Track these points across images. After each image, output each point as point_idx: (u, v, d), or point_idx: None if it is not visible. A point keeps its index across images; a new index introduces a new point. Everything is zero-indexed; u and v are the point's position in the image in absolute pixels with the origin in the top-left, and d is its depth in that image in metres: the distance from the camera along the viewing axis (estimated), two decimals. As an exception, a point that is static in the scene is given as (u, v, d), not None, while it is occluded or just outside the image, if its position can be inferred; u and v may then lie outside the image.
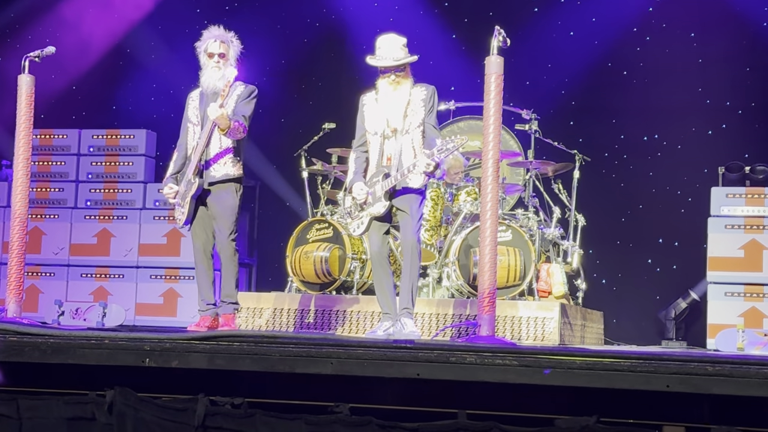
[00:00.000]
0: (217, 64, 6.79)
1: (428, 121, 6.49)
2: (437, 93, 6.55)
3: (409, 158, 6.43)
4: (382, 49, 6.48)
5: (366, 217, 6.54)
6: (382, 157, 6.51)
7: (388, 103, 6.50)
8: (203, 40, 6.86)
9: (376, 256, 6.55)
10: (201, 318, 6.88)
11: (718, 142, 9.77)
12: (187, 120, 6.92)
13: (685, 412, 4.24)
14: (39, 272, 9.86)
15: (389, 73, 6.46)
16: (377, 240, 6.53)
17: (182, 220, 6.84)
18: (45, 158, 10.11)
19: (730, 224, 8.65)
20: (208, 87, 6.81)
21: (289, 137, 9.90)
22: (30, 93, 6.68)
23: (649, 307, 9.78)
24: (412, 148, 6.45)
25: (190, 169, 6.76)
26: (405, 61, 6.47)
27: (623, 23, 10.08)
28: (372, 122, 6.56)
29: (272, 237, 10.37)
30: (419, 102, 6.47)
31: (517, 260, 7.85)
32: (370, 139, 6.57)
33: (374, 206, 6.49)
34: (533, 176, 8.76)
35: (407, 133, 6.46)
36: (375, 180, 6.50)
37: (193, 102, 6.93)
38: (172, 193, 6.86)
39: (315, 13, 10.85)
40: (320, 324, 7.99)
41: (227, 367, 4.57)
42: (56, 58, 7.17)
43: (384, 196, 6.45)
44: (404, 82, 6.49)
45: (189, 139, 6.88)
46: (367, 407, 4.51)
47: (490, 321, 5.73)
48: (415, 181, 6.42)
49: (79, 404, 4.76)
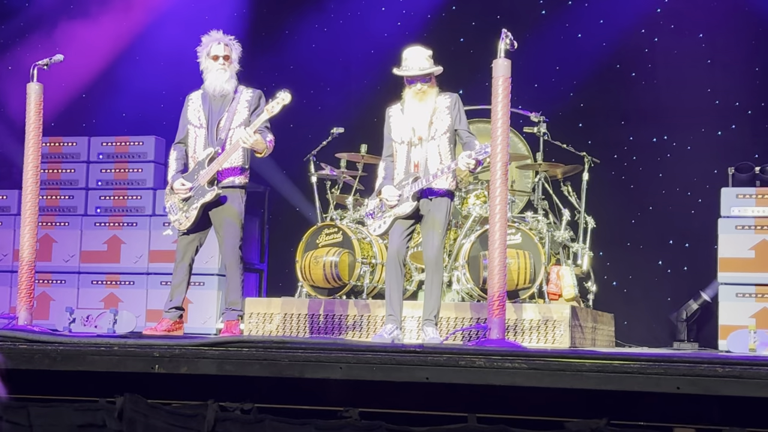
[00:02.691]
0: (223, 66, 6.82)
1: (460, 127, 6.65)
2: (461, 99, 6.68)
3: (435, 164, 6.57)
4: (408, 60, 6.64)
5: (390, 218, 6.65)
6: (409, 164, 6.66)
7: (413, 113, 6.65)
8: (205, 44, 6.89)
9: (393, 256, 6.62)
10: (161, 320, 6.87)
11: (727, 142, 9.74)
12: (186, 122, 6.92)
13: (696, 414, 4.23)
14: (50, 280, 9.88)
15: (415, 83, 6.61)
16: (397, 239, 6.62)
17: (186, 225, 6.81)
18: (55, 166, 10.13)
19: (741, 225, 8.62)
20: (215, 90, 6.82)
21: (298, 142, 9.91)
22: (39, 101, 6.69)
23: (660, 308, 9.75)
24: (438, 154, 6.59)
25: (203, 177, 6.73)
26: (430, 71, 6.63)
27: (631, 24, 10.07)
28: (398, 131, 6.70)
29: (282, 242, 10.38)
30: (444, 110, 6.62)
31: (527, 263, 7.84)
32: (397, 147, 6.71)
33: (401, 206, 6.60)
34: (542, 179, 8.75)
35: (433, 140, 6.60)
36: (404, 183, 6.63)
37: (193, 103, 6.92)
38: (185, 189, 6.77)
39: (323, 18, 10.86)
40: (330, 329, 7.99)
41: (237, 373, 4.57)
42: (65, 65, 7.19)
43: (411, 197, 6.58)
44: (430, 91, 6.65)
45: (189, 142, 6.89)
46: (377, 412, 4.51)
47: (500, 324, 5.72)
48: (442, 182, 6.54)
49: (90, 411, 4.77)
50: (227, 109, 6.81)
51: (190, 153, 6.88)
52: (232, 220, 6.79)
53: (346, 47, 10.68)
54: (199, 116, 6.85)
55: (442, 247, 6.59)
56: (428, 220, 6.59)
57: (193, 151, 6.86)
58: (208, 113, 6.82)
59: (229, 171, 6.79)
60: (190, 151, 6.87)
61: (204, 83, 6.89)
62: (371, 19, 10.58)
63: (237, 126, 6.75)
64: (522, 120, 9.02)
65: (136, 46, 11.15)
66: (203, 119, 6.83)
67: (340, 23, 10.78)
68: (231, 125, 6.77)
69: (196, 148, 6.85)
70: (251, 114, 6.78)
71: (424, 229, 6.62)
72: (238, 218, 6.81)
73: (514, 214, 8.53)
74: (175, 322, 6.86)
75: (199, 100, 6.89)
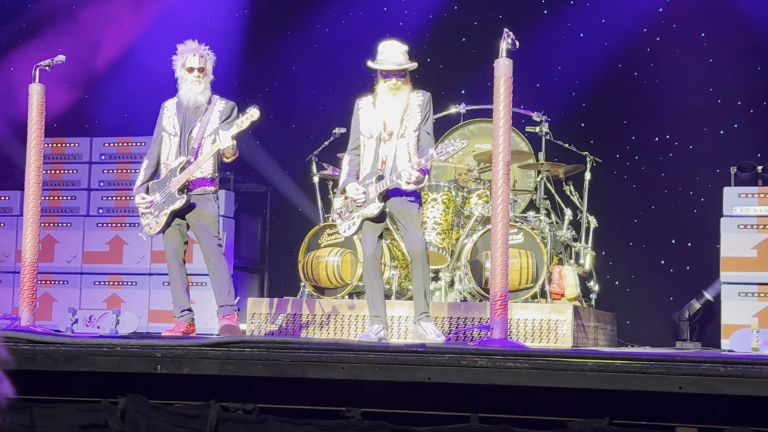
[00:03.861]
0: (198, 78, 6.93)
1: (424, 128, 6.58)
2: (433, 100, 6.65)
3: (404, 161, 6.49)
4: (384, 54, 6.59)
5: (358, 219, 6.59)
6: (377, 160, 6.58)
7: (385, 107, 6.58)
8: (181, 54, 6.99)
9: (370, 259, 6.60)
10: (176, 324, 6.95)
11: (729, 141, 9.73)
12: (161, 129, 7.02)
13: (698, 413, 4.23)
14: (52, 280, 9.87)
15: (390, 77, 6.56)
16: (371, 242, 6.59)
17: (156, 230, 6.95)
18: (57, 167, 10.13)
19: (743, 224, 8.61)
20: (189, 101, 6.93)
21: (299, 142, 9.91)
22: (41, 102, 6.70)
23: (662, 308, 9.74)
24: (407, 152, 6.52)
25: (174, 184, 6.81)
26: (406, 66, 6.57)
27: (633, 24, 10.05)
28: (368, 125, 6.63)
29: (284, 242, 10.37)
30: (416, 107, 6.55)
31: (529, 263, 7.84)
32: (365, 142, 6.63)
33: (367, 207, 6.54)
34: (544, 178, 8.75)
35: (403, 137, 6.53)
36: (368, 182, 6.55)
37: (168, 111, 7.03)
38: (144, 203, 6.95)
39: (325, 19, 10.86)
40: (332, 329, 7.99)
41: (239, 373, 4.58)
42: (67, 66, 7.20)
43: (378, 198, 6.50)
44: (404, 87, 6.59)
45: (163, 148, 6.96)
46: (379, 411, 4.51)
47: (502, 324, 5.72)
48: (409, 185, 6.45)
49: (92, 412, 4.78)
50: (200, 118, 6.92)
51: (163, 159, 6.99)
52: (208, 221, 6.91)
53: (347, 47, 10.67)
54: (174, 124, 6.95)
55: (424, 239, 6.56)
56: (403, 216, 6.53)
57: (166, 158, 6.96)
58: (182, 122, 6.91)
59: (200, 180, 6.90)
60: (163, 158, 6.98)
61: (178, 92, 6.97)
62: (373, 19, 10.57)
63: (209, 135, 6.87)
64: (524, 119, 9.01)
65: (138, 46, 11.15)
66: (177, 127, 6.94)
67: (342, 23, 10.78)
68: (204, 134, 6.88)
69: (170, 156, 6.95)
70: (221, 123, 6.85)
71: (402, 225, 6.59)
72: (213, 219, 6.93)
73: (516, 213, 8.52)
74: (189, 324, 6.94)
75: (174, 108, 7.00)
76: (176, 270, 6.96)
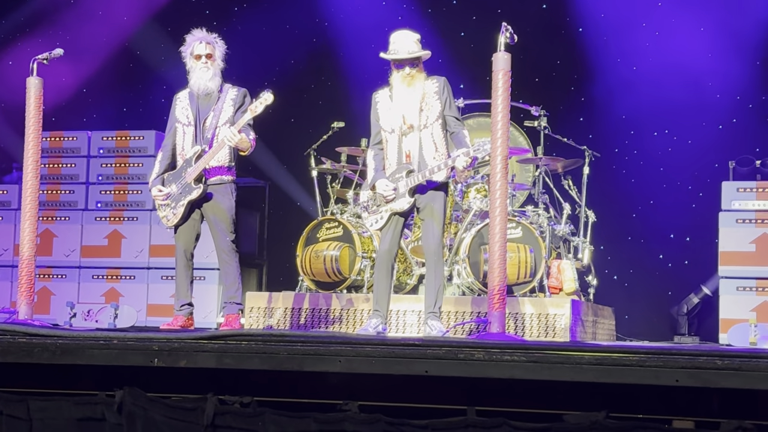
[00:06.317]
0: (206, 65, 6.89)
1: (449, 113, 6.49)
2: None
3: (431, 152, 6.45)
4: (396, 44, 6.50)
5: (386, 213, 6.54)
6: (401, 154, 6.52)
7: (402, 100, 6.50)
8: (188, 43, 6.97)
9: (385, 255, 6.54)
10: (175, 317, 6.94)
11: (728, 136, 9.73)
12: (174, 120, 6.99)
13: (695, 407, 4.23)
14: (50, 274, 9.87)
15: (404, 67, 6.47)
16: (390, 238, 6.53)
17: (174, 222, 6.92)
18: (55, 160, 10.12)
19: (742, 218, 8.61)
20: (199, 88, 6.91)
21: (298, 137, 9.90)
22: (39, 95, 6.69)
23: (660, 302, 9.75)
24: (432, 142, 6.47)
25: (189, 174, 6.80)
26: (419, 54, 6.48)
27: (632, 18, 10.06)
28: (387, 120, 6.56)
29: (282, 237, 10.37)
30: (433, 95, 6.47)
31: (528, 257, 7.84)
32: (387, 137, 6.57)
33: (397, 202, 6.49)
34: (543, 173, 8.74)
35: (426, 128, 6.47)
36: (398, 176, 6.49)
37: (181, 102, 7.00)
38: (161, 196, 6.92)
39: (324, 12, 10.85)
40: (330, 322, 7.99)
41: (236, 366, 4.57)
42: (65, 60, 7.19)
43: (408, 193, 6.46)
44: (418, 76, 6.50)
45: (177, 140, 6.95)
46: (376, 405, 4.51)
47: (500, 318, 5.72)
48: (438, 175, 6.43)
49: (89, 405, 4.77)
50: (213, 107, 6.90)
51: (178, 151, 6.96)
52: (223, 215, 6.88)
53: (346, 41, 10.67)
54: (187, 114, 6.93)
55: (442, 238, 6.50)
56: (426, 211, 6.49)
57: (182, 149, 6.94)
58: (195, 111, 6.89)
59: (217, 169, 6.87)
60: (178, 149, 6.96)
61: (189, 82, 6.96)
62: (372, 13, 10.56)
63: (223, 124, 6.84)
64: (522, 114, 9.01)
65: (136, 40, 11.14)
66: (191, 117, 6.91)
67: (341, 17, 10.77)
68: (217, 123, 6.86)
69: (184, 146, 6.93)
70: (236, 112, 6.85)
71: (423, 222, 6.57)
72: (228, 212, 6.89)
73: (514, 208, 8.52)
74: (187, 318, 6.93)
75: (187, 99, 6.97)
76: (183, 264, 6.95)
